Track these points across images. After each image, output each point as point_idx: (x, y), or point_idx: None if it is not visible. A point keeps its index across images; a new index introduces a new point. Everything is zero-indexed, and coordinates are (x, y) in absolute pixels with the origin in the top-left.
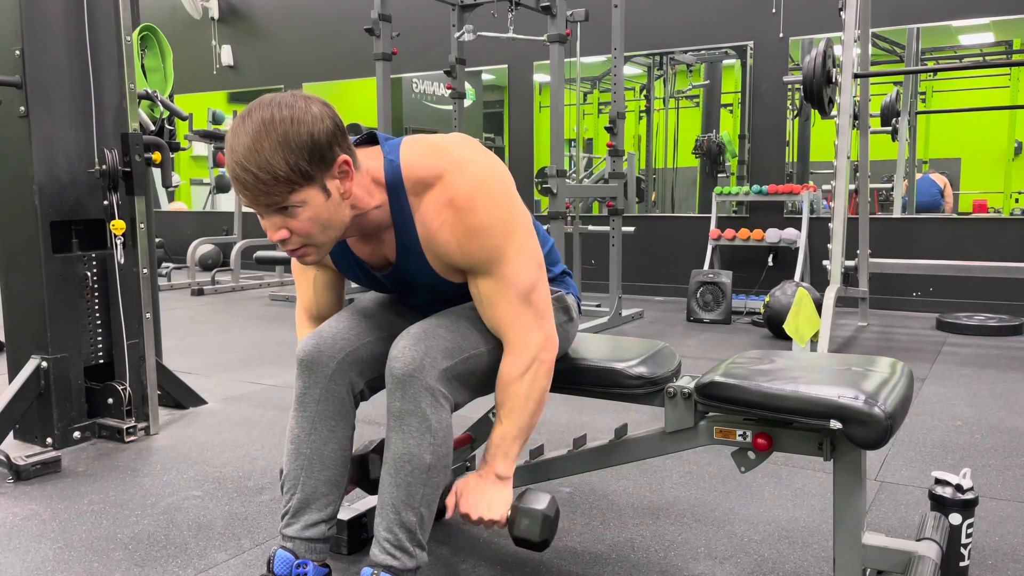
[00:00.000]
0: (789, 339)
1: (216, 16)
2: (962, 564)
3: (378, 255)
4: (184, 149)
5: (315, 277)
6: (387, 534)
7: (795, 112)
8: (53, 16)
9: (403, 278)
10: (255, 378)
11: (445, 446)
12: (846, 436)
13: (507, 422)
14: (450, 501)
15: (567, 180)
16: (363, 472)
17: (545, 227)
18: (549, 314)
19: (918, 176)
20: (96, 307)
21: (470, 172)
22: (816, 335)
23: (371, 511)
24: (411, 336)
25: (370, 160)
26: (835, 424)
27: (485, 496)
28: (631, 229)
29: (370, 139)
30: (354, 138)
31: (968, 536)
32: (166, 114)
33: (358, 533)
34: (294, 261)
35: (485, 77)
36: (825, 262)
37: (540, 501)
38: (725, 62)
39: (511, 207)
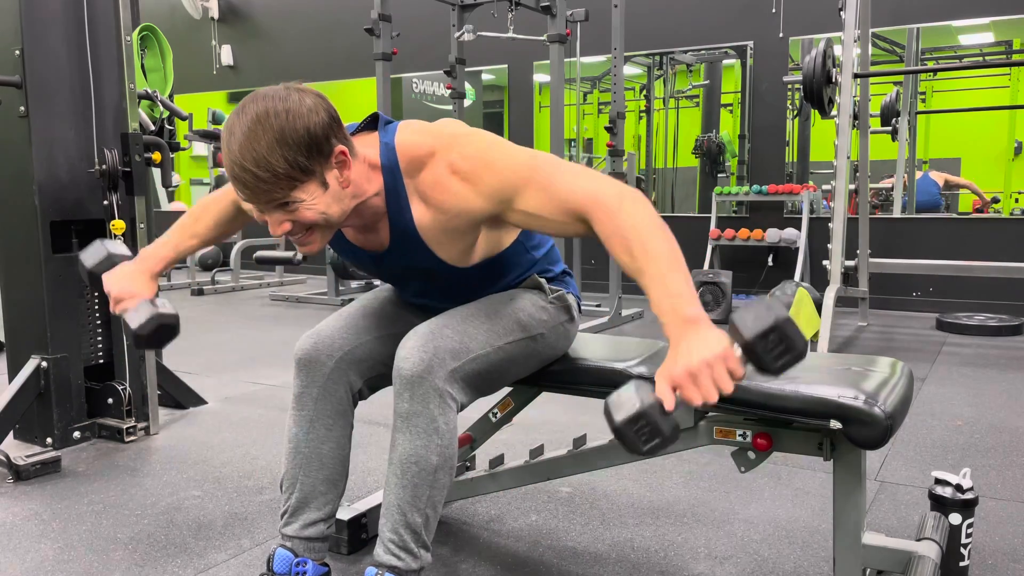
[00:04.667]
0: None
1: (216, 16)
2: (962, 564)
3: (373, 243)
4: (184, 149)
5: (233, 204)
6: (392, 535)
7: (795, 112)
8: (53, 16)
9: (396, 261)
10: (255, 378)
11: (451, 447)
12: (846, 436)
13: (652, 265)
14: (664, 391)
15: None
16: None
17: None
18: (601, 174)
19: (918, 175)
20: (96, 307)
21: (459, 143)
22: (816, 335)
23: (371, 511)
24: (419, 336)
25: (367, 148)
26: (835, 424)
27: (693, 346)
28: None
29: (373, 121)
30: (355, 124)
31: (968, 536)
32: (166, 114)
33: (358, 533)
34: (225, 188)
35: (485, 77)
36: (825, 262)
37: (756, 303)
38: (725, 62)
39: (506, 143)
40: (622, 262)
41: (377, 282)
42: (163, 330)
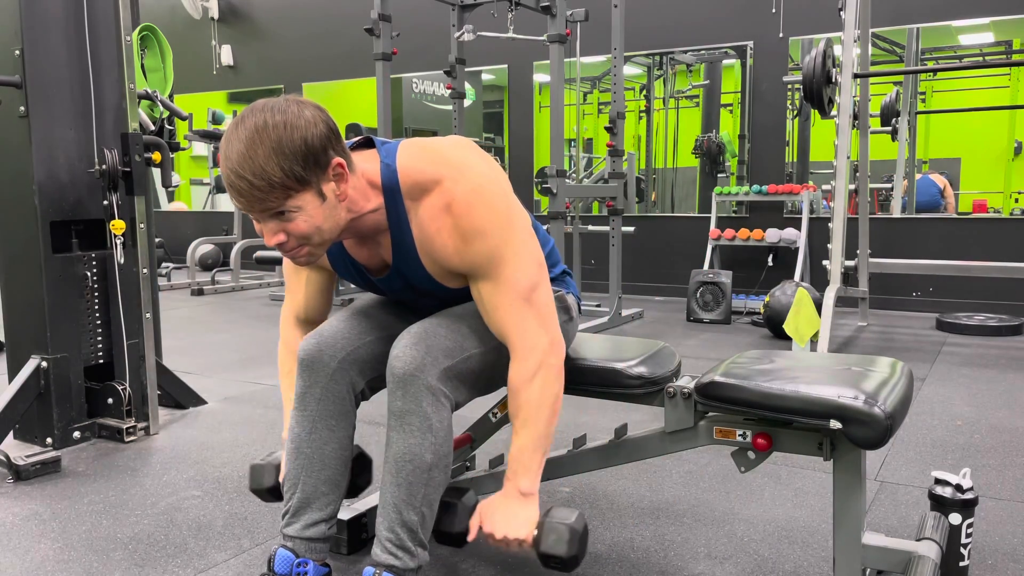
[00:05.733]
0: (789, 339)
1: (216, 16)
2: (962, 564)
3: (375, 258)
4: (184, 149)
5: (307, 279)
6: (389, 533)
7: (795, 112)
8: (53, 16)
9: (400, 282)
10: (255, 378)
11: (446, 445)
12: (846, 436)
13: (523, 433)
14: (473, 523)
15: (567, 180)
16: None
17: (545, 227)
18: (553, 316)
19: (918, 176)
20: (96, 307)
21: (468, 178)
22: (816, 335)
23: (371, 511)
24: (412, 335)
25: (366, 163)
26: (835, 424)
27: (509, 514)
28: (631, 229)
29: (367, 143)
30: (350, 142)
31: (968, 536)
32: (166, 114)
33: (358, 533)
34: (287, 262)
35: (485, 77)
36: (825, 262)
37: (568, 516)
38: (725, 62)
39: (509, 210)
40: (509, 411)
41: None
42: (359, 461)
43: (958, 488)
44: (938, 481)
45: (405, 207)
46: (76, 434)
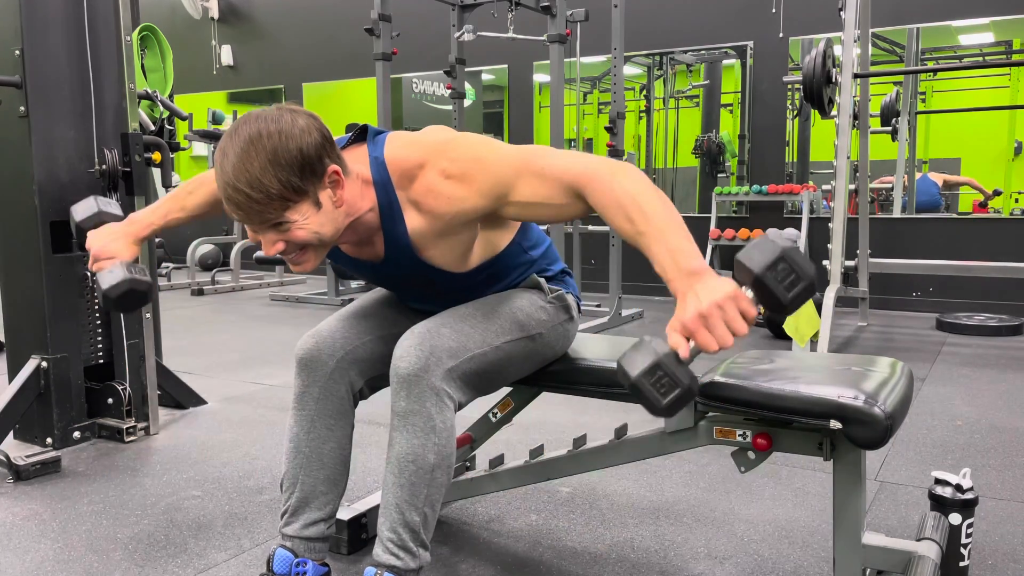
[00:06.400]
0: (789, 339)
1: (216, 16)
2: (962, 564)
3: (369, 255)
4: (184, 149)
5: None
6: (390, 534)
7: (795, 112)
8: (53, 16)
9: (392, 272)
10: (255, 378)
11: (449, 446)
12: (846, 436)
13: (649, 225)
14: (677, 340)
15: None
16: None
17: (544, 227)
18: (595, 155)
19: (917, 176)
20: (96, 307)
21: (449, 148)
22: (816, 335)
23: (371, 511)
24: (416, 336)
25: (358, 164)
26: (835, 424)
27: (701, 293)
28: None
29: (362, 132)
30: (345, 137)
31: (968, 536)
32: (166, 114)
33: (358, 533)
34: (205, 175)
35: (485, 77)
36: (825, 262)
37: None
38: (725, 62)
39: (493, 139)
40: (622, 230)
41: None
42: (132, 295)
43: (958, 488)
44: (938, 481)
45: (397, 197)
46: (76, 434)
